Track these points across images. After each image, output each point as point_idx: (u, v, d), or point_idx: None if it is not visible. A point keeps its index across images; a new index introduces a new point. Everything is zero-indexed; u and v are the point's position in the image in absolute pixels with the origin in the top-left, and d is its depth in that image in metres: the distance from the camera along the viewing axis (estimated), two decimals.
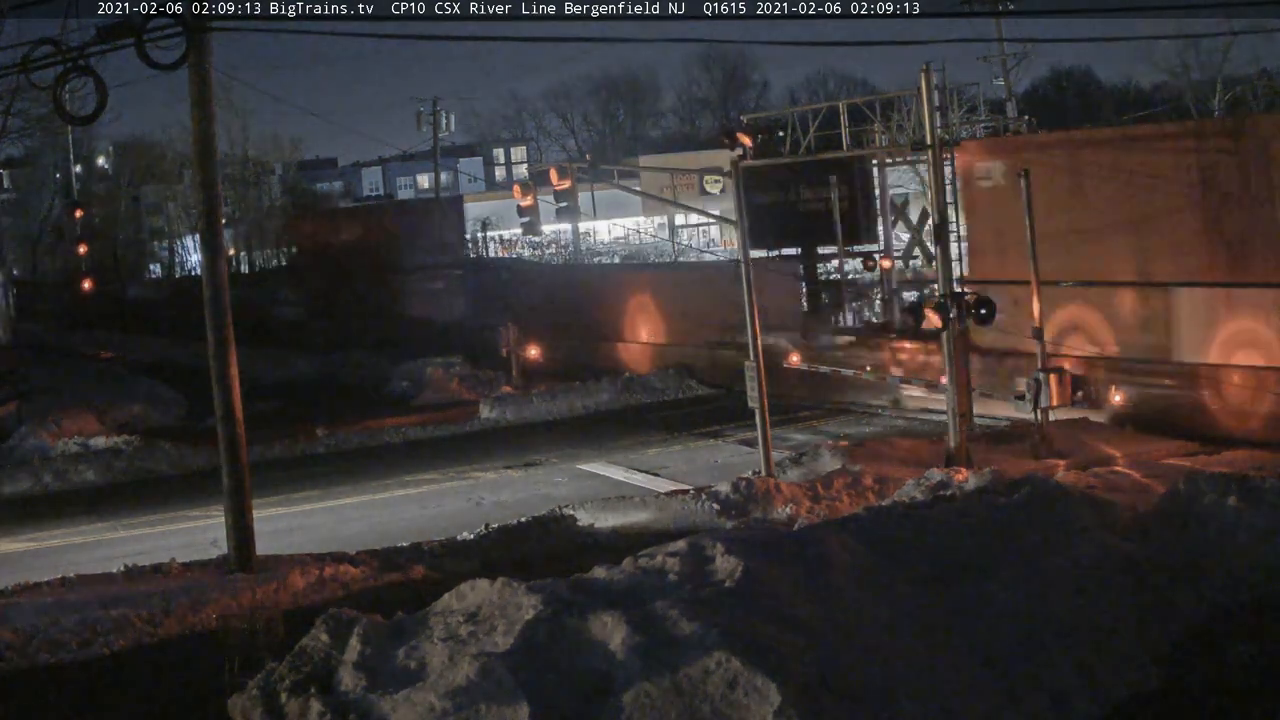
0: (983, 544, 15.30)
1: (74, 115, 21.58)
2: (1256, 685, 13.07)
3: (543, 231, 43.97)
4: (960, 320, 22.92)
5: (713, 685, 11.41)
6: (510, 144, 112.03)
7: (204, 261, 19.21)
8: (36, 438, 31.91)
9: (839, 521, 17.08)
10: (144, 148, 79.60)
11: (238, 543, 18.84)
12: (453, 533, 20.91)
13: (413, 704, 11.71)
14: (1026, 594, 14.07)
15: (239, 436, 18.93)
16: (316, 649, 13.06)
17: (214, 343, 18.86)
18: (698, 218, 76.22)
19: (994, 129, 29.50)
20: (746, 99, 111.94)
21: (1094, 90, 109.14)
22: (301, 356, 45.37)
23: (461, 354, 39.51)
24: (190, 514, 24.70)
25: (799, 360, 29.63)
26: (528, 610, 12.63)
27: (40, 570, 19.91)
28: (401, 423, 33.15)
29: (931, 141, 23.70)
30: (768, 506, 21.33)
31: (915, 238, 33.56)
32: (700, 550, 14.06)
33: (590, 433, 31.02)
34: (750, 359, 23.30)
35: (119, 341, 58.45)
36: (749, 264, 23.69)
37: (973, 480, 20.57)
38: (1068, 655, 13.00)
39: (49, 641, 15.81)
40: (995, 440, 24.95)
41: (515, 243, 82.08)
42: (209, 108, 18.63)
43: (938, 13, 31.27)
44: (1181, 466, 21.68)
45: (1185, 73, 77.19)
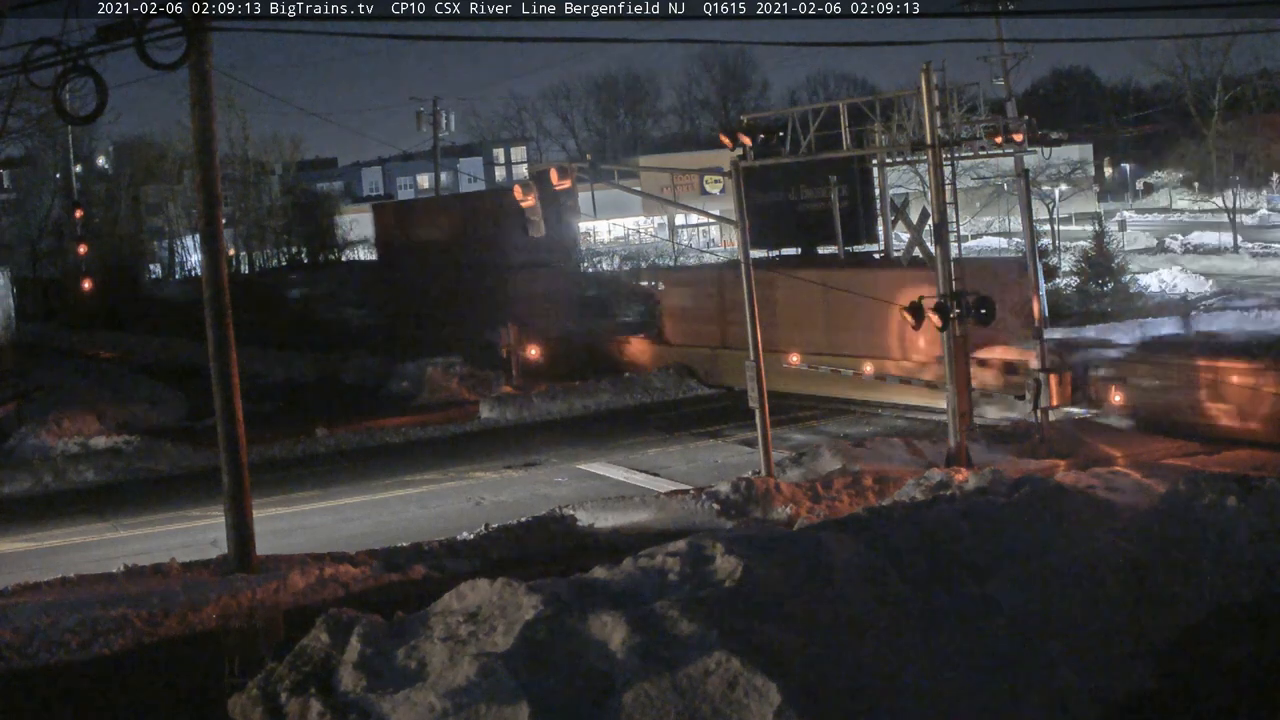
0: (983, 544, 15.29)
1: (74, 115, 21.57)
2: (1256, 685, 13.07)
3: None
4: (960, 320, 22.92)
5: (713, 685, 11.41)
6: (510, 144, 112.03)
7: (204, 261, 19.21)
8: (36, 438, 31.92)
9: (839, 521, 17.07)
10: (144, 148, 79.54)
11: (238, 543, 18.85)
12: (453, 533, 20.92)
13: (413, 704, 11.71)
14: (1026, 594, 14.07)
15: (239, 436, 18.93)
16: (316, 649, 13.06)
17: (214, 343, 18.86)
18: (698, 218, 76.29)
19: (994, 129, 29.37)
20: (746, 99, 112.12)
21: (1094, 90, 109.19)
22: (302, 356, 45.37)
23: (461, 354, 39.48)
24: (190, 514, 24.70)
25: (799, 360, 29.63)
26: (528, 610, 12.63)
27: (40, 570, 19.93)
28: (401, 423, 33.16)
29: (931, 141, 23.69)
30: (768, 506, 21.33)
31: (915, 238, 33.50)
32: (700, 550, 14.06)
33: (590, 433, 31.02)
34: (750, 358, 23.32)
35: (119, 341, 58.44)
36: (749, 264, 23.70)
37: (973, 480, 20.56)
38: (1068, 655, 12.99)
39: (49, 641, 15.82)
40: (995, 440, 24.96)
41: None
42: (209, 108, 18.63)
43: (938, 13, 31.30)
44: (1181, 466, 21.68)
45: (1185, 73, 77.28)
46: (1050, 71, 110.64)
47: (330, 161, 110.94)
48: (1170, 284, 48.20)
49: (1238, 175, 74.83)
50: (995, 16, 44.21)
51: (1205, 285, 47.96)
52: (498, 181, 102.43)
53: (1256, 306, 37.80)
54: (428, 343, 41.67)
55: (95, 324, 61.90)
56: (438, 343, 41.24)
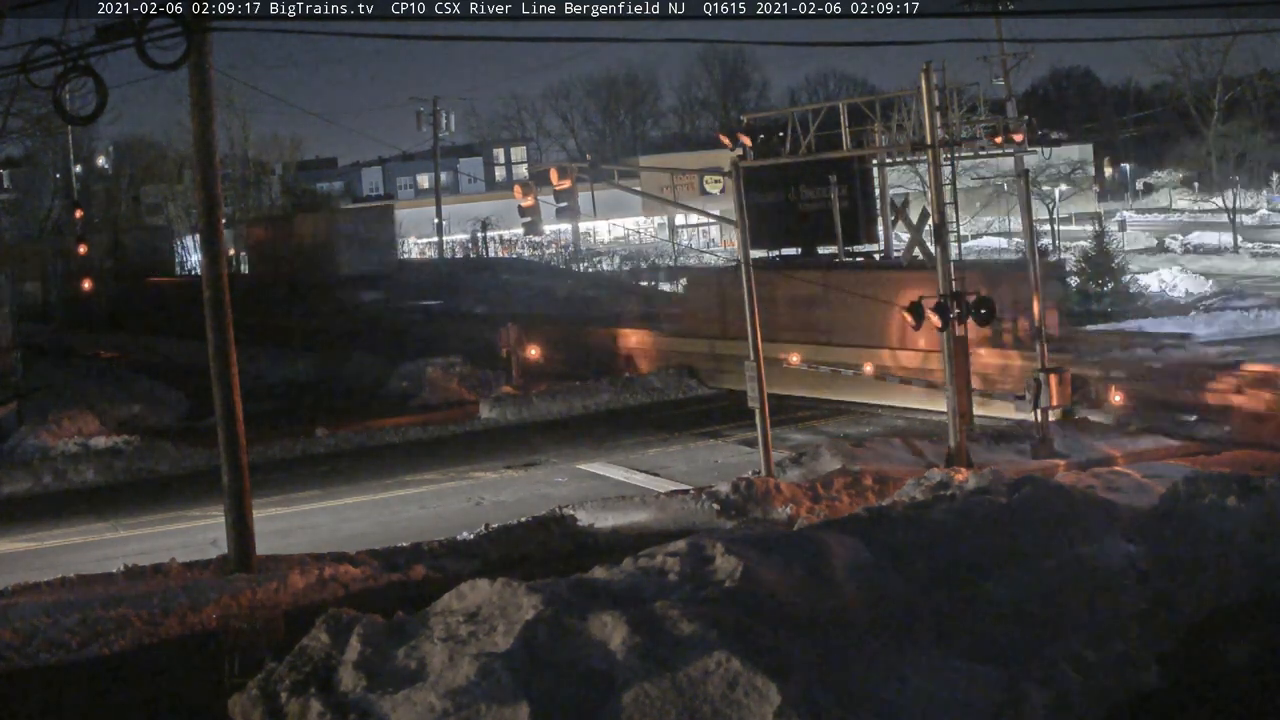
0: (983, 544, 15.30)
1: (74, 115, 21.57)
2: (1256, 685, 13.08)
3: (543, 231, 43.81)
4: (960, 320, 22.92)
5: (713, 685, 11.41)
6: (510, 144, 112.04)
7: (204, 261, 19.19)
8: (36, 438, 31.88)
9: (839, 521, 17.08)
10: (144, 148, 79.64)
11: (238, 542, 18.83)
12: (453, 533, 20.91)
13: (413, 704, 11.71)
14: (1026, 594, 14.07)
15: (239, 436, 18.91)
16: (316, 649, 13.06)
17: (214, 343, 18.85)
18: (698, 218, 76.25)
19: (994, 129, 29.40)
20: (746, 99, 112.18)
21: (1094, 90, 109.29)
22: (302, 356, 45.37)
23: (461, 354, 39.48)
24: (190, 514, 24.68)
25: (799, 360, 29.61)
26: (528, 610, 12.63)
27: (40, 570, 19.91)
28: (401, 423, 33.12)
29: (931, 141, 23.68)
30: (768, 506, 21.32)
31: (915, 238, 33.53)
32: (700, 550, 14.06)
33: (590, 433, 31.01)
34: (750, 358, 23.32)
35: (119, 341, 58.41)
36: (749, 264, 23.70)
37: (973, 480, 20.55)
38: (1068, 655, 12.99)
39: (49, 641, 15.82)
40: (995, 440, 24.95)
41: (515, 243, 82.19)
42: (209, 108, 18.62)
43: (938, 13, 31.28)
44: (1181, 466, 21.69)
45: (1185, 73, 77.33)
46: (1050, 71, 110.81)
47: (330, 161, 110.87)
48: (1170, 284, 48.24)
49: (1238, 175, 74.87)
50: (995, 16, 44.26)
51: (1205, 285, 47.99)
52: (498, 181, 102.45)
53: (1256, 306, 37.83)
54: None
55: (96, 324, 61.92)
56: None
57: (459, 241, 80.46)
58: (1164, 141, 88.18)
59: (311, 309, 52.82)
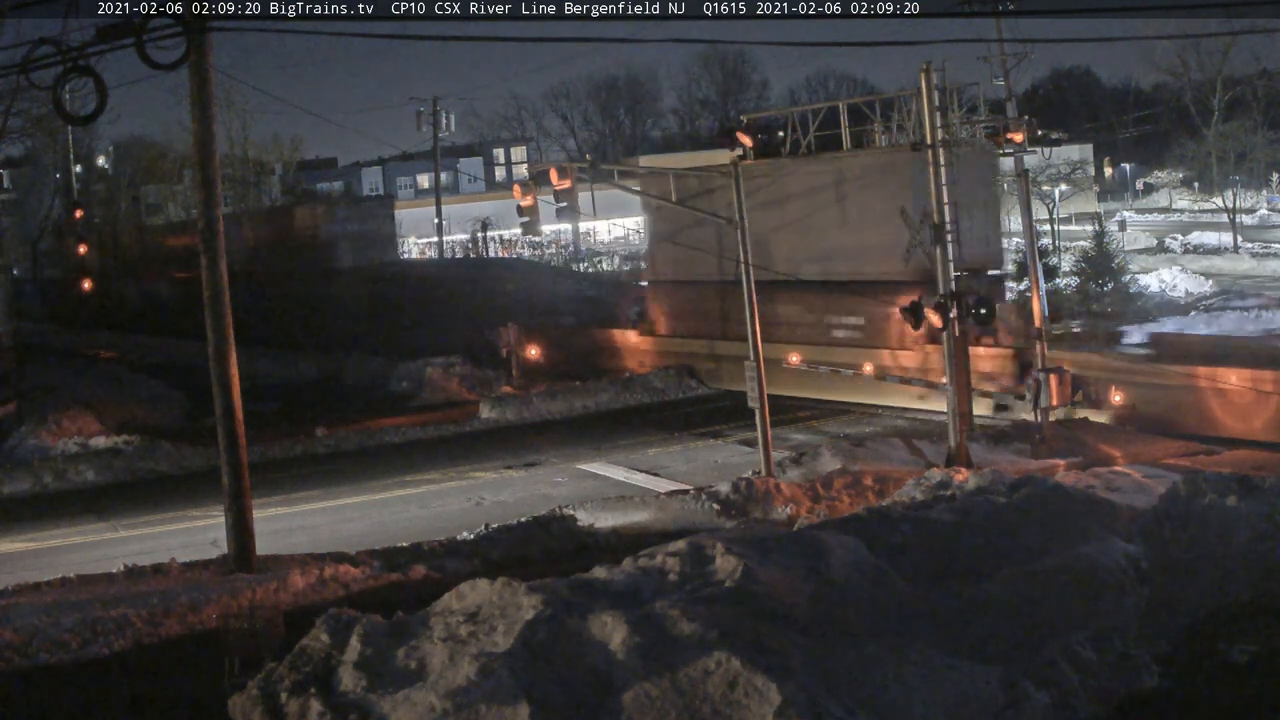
0: (983, 544, 15.30)
1: (74, 115, 21.58)
2: (1256, 685, 13.07)
3: (543, 231, 43.80)
4: (960, 320, 22.92)
5: (713, 685, 11.41)
6: (510, 144, 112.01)
7: (204, 262, 19.20)
8: (36, 438, 31.89)
9: (839, 521, 17.08)
10: (144, 148, 79.55)
11: (238, 542, 18.84)
12: (453, 533, 20.92)
13: (413, 704, 11.71)
14: (1027, 594, 14.07)
15: (239, 436, 18.92)
16: (316, 649, 13.06)
17: (214, 343, 18.85)
18: None
19: (993, 129, 29.38)
20: (746, 99, 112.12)
21: (1094, 90, 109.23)
22: (302, 356, 45.35)
23: (461, 354, 39.48)
24: (190, 514, 24.69)
25: (799, 360, 29.61)
26: (528, 610, 12.63)
27: (40, 570, 19.92)
28: (401, 423, 33.13)
29: (931, 141, 23.68)
30: (768, 506, 21.33)
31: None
32: (700, 550, 14.06)
33: (590, 433, 31.00)
34: (750, 358, 23.31)
35: (120, 341, 58.39)
36: (749, 263, 23.69)
37: (973, 480, 20.57)
38: (1068, 655, 13.00)
39: (49, 641, 15.83)
40: (995, 440, 24.95)
41: (515, 242, 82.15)
42: (209, 108, 18.62)
43: (938, 13, 31.27)
44: (1181, 466, 21.69)
45: (1185, 73, 77.26)
46: (1050, 71, 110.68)
47: (330, 161, 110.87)
48: (1170, 284, 48.18)
49: (1237, 175, 74.83)
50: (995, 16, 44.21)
51: (1205, 285, 47.94)
52: (498, 181, 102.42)
53: (1256, 306, 37.84)
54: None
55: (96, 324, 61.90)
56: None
57: (459, 241, 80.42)
58: (1164, 141, 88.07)
59: (295, 303, 52.64)
